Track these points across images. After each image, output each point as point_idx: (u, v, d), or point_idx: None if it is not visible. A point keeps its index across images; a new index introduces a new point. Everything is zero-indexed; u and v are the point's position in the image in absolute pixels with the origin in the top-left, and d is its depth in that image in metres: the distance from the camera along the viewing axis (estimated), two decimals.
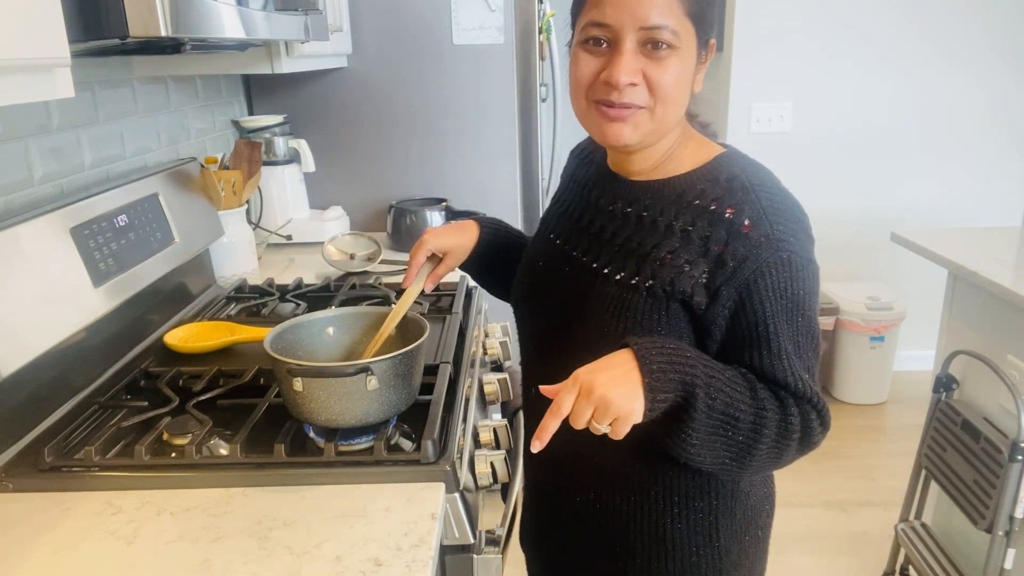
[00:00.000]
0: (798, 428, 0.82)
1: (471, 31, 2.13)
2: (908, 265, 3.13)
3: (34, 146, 1.26)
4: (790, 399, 0.83)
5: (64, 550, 0.83)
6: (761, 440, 0.81)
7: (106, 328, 1.24)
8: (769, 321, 0.82)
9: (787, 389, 0.83)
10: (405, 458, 0.97)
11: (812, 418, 0.84)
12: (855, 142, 3.24)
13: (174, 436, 1.03)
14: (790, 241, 0.82)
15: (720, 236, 0.82)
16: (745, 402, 0.80)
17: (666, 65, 0.82)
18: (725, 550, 0.94)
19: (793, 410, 0.82)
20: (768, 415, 0.81)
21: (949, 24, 3.09)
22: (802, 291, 0.82)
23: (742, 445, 0.81)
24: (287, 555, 0.82)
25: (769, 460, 0.84)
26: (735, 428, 0.80)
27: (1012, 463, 1.57)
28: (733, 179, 0.86)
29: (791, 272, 0.81)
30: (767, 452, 0.82)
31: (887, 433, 3.02)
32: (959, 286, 1.96)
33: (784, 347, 0.82)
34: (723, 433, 0.80)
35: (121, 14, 0.89)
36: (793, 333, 0.83)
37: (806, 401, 0.83)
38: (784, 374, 0.82)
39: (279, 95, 2.19)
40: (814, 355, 0.85)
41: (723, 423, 0.80)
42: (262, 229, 2.01)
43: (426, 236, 1.10)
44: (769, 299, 0.81)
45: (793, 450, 0.84)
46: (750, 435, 0.81)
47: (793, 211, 0.85)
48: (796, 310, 0.82)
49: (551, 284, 0.98)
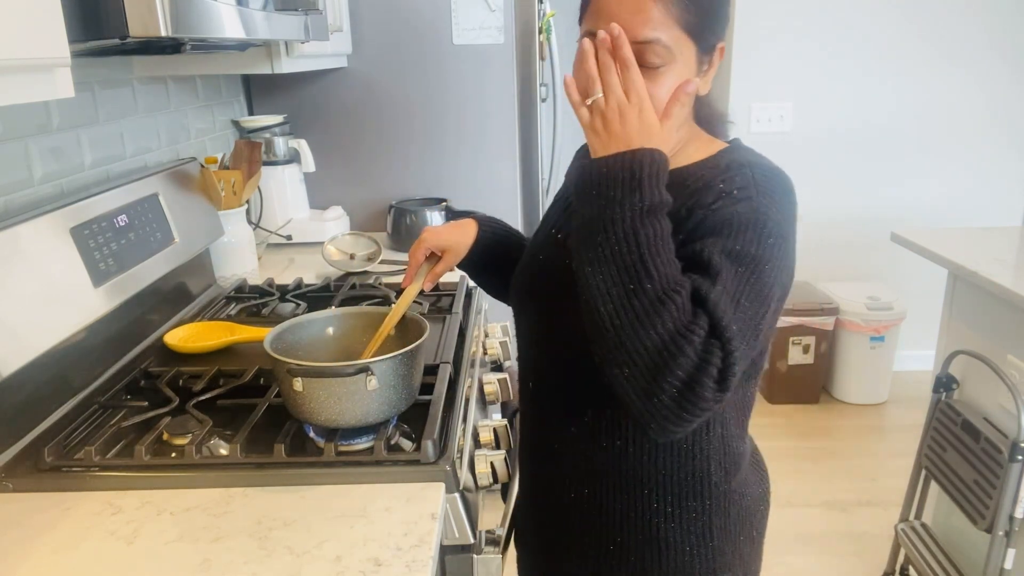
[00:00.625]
0: (694, 353, 0.73)
1: (471, 31, 2.13)
2: (908, 265, 3.13)
3: (34, 146, 1.26)
4: (704, 319, 0.74)
5: (64, 550, 0.83)
6: (653, 325, 0.73)
7: (106, 328, 1.24)
8: (716, 256, 0.77)
9: (704, 308, 0.74)
10: (405, 458, 0.97)
11: (714, 356, 0.73)
12: (855, 142, 3.24)
13: (174, 436, 1.03)
14: (772, 209, 0.82)
15: (707, 200, 0.83)
16: (666, 269, 0.75)
17: (658, 79, 0.82)
18: (719, 550, 0.94)
19: (700, 331, 0.73)
20: (676, 301, 0.73)
21: (949, 24, 3.09)
22: (767, 255, 0.78)
23: (635, 312, 0.74)
24: (287, 555, 0.82)
25: (649, 365, 0.73)
26: (639, 282, 0.74)
27: (1012, 463, 1.57)
28: (733, 162, 0.87)
29: (761, 232, 0.79)
30: (652, 349, 0.73)
31: (887, 433, 3.02)
32: (959, 286, 1.96)
33: (723, 280, 0.76)
34: (627, 275, 0.74)
35: (121, 14, 0.89)
36: (738, 281, 0.77)
37: (717, 336, 0.74)
38: (709, 293, 0.75)
39: (279, 95, 2.20)
40: (753, 322, 0.77)
41: (634, 263, 0.75)
42: (262, 229, 2.01)
43: (425, 235, 1.10)
44: (728, 242, 0.78)
45: (678, 375, 0.73)
46: (647, 307, 0.73)
47: (787, 194, 0.85)
48: (751, 266, 0.78)
49: (552, 277, 0.98)
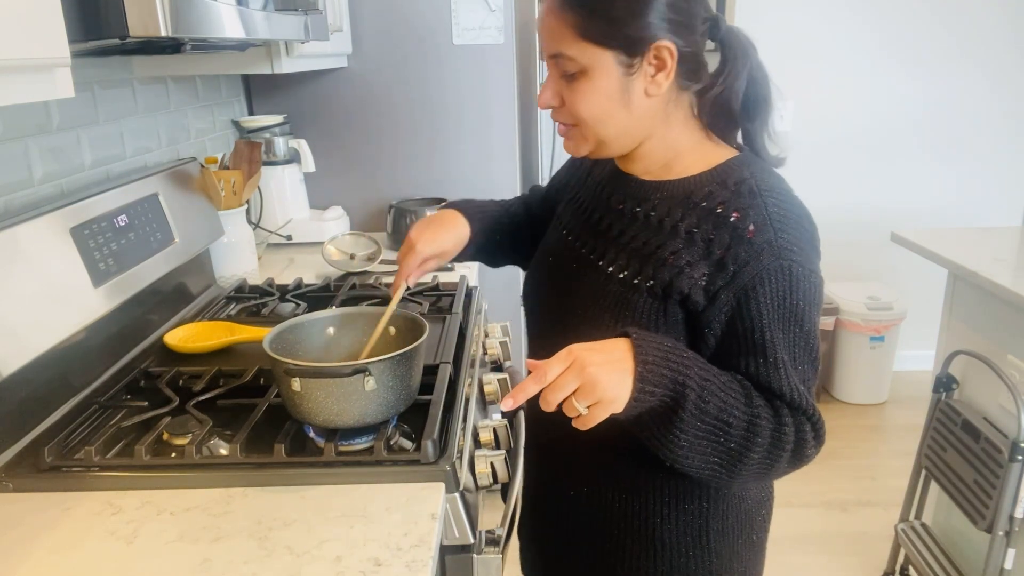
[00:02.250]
0: (791, 440, 0.81)
1: (471, 31, 2.13)
2: (908, 265, 3.13)
3: (34, 146, 1.26)
4: (785, 409, 0.82)
5: (64, 550, 0.83)
6: (753, 449, 0.80)
7: (106, 328, 1.24)
8: (766, 329, 0.81)
9: (782, 399, 0.82)
10: (405, 458, 0.97)
11: (806, 430, 0.82)
12: (855, 142, 3.24)
13: (174, 436, 1.03)
14: (793, 250, 0.81)
15: (723, 239, 0.82)
16: (739, 408, 0.79)
17: (576, 88, 0.85)
18: (716, 552, 0.94)
19: (787, 420, 0.81)
20: (762, 423, 0.80)
21: (949, 24, 3.09)
22: (801, 302, 0.81)
23: (733, 452, 0.80)
24: (287, 555, 0.82)
25: (760, 471, 0.83)
26: (727, 434, 0.79)
27: (1012, 463, 1.57)
28: (742, 183, 0.85)
29: (791, 281, 0.80)
30: (758, 462, 0.81)
31: (887, 433, 3.02)
32: (959, 286, 1.96)
33: (780, 357, 0.81)
34: (714, 438, 0.79)
35: (121, 14, 0.89)
36: (789, 344, 0.82)
37: (801, 412, 0.82)
38: (780, 383, 0.81)
39: (279, 95, 2.19)
40: (811, 368, 0.84)
41: (714, 428, 0.79)
42: (262, 229, 2.01)
43: (418, 245, 1.09)
44: (767, 307, 0.80)
45: (785, 462, 0.83)
46: (742, 443, 0.80)
47: (800, 220, 0.84)
48: (793, 320, 0.81)
49: (558, 279, 0.98)
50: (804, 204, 0.87)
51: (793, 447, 0.81)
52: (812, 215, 0.87)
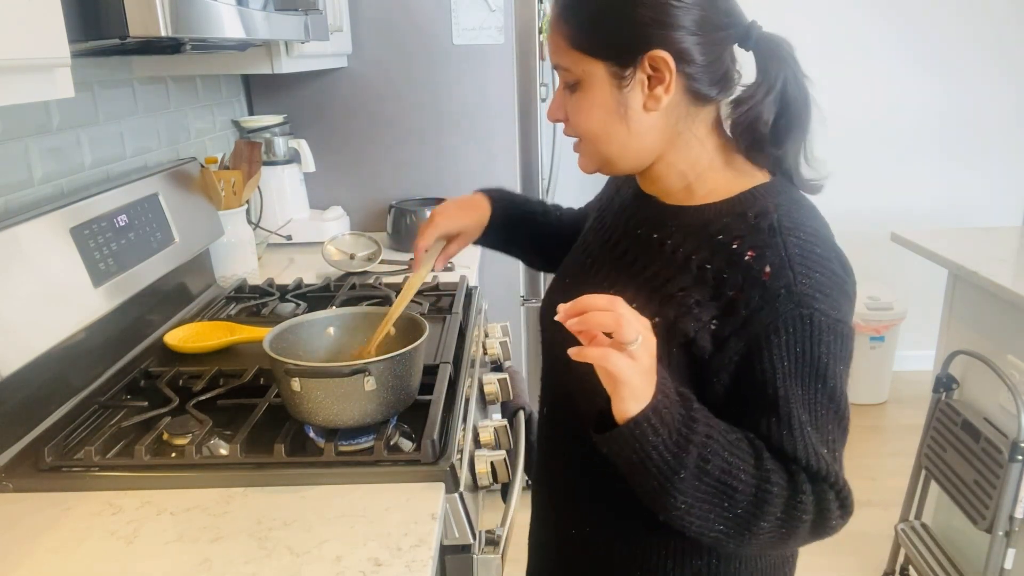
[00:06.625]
0: (810, 509, 0.73)
1: (471, 31, 2.13)
2: (908, 265, 3.13)
3: (34, 146, 1.26)
4: (802, 475, 0.73)
5: (64, 550, 0.83)
6: (763, 517, 0.72)
7: (106, 328, 1.24)
8: (779, 385, 0.72)
9: (798, 464, 0.73)
10: (405, 458, 0.97)
11: (829, 499, 0.74)
12: (855, 142, 3.24)
13: (174, 436, 1.03)
14: (816, 297, 0.72)
15: (736, 280, 0.74)
16: (747, 472, 0.71)
17: (575, 101, 0.81)
18: None
19: (805, 487, 0.73)
20: (773, 490, 0.71)
21: (949, 24, 3.10)
22: (825, 355, 0.72)
23: (740, 519, 0.72)
24: (287, 555, 0.82)
25: (774, 540, 0.74)
26: (731, 499, 0.71)
27: (1012, 463, 1.57)
28: (763, 217, 0.77)
29: (812, 332, 0.72)
30: (771, 531, 0.73)
31: (887, 433, 3.01)
32: (959, 286, 1.96)
33: (797, 416, 0.73)
34: (717, 502, 0.72)
35: (121, 14, 0.89)
36: (809, 401, 0.73)
37: (822, 480, 0.73)
38: (795, 447, 0.73)
39: (279, 95, 2.19)
40: (838, 429, 0.76)
41: (717, 491, 0.71)
42: (262, 229, 2.01)
43: (437, 218, 1.06)
44: (781, 360, 0.72)
45: (805, 532, 0.74)
46: (750, 509, 0.72)
47: (828, 263, 0.75)
48: (814, 376, 0.73)
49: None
50: (837, 245, 0.78)
51: (814, 517, 0.73)
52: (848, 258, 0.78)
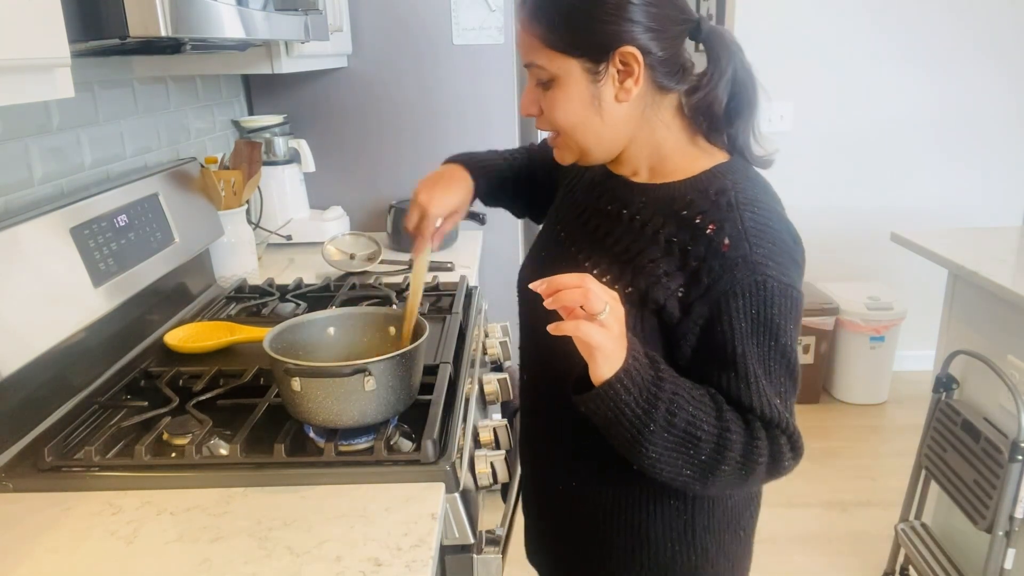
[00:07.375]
0: (765, 453, 0.82)
1: (471, 31, 2.13)
2: (908, 265, 3.13)
3: (34, 146, 1.26)
4: (757, 423, 0.82)
5: (64, 550, 0.83)
6: (724, 462, 0.81)
7: (106, 328, 1.24)
8: (737, 343, 0.81)
9: (754, 413, 0.82)
10: (405, 458, 0.97)
11: (782, 443, 0.83)
12: (855, 142, 3.24)
13: (174, 436, 1.03)
14: (768, 264, 0.80)
15: (699, 251, 0.82)
16: (709, 423, 0.80)
17: (550, 97, 0.87)
18: (702, 547, 0.95)
19: (760, 434, 0.82)
20: (732, 438, 0.81)
21: (948, 24, 3.09)
22: (777, 316, 0.81)
23: (704, 464, 0.81)
24: (287, 555, 0.82)
25: (735, 481, 0.84)
26: (696, 447, 0.80)
27: (1012, 463, 1.57)
28: (722, 194, 0.85)
29: (765, 295, 0.80)
30: (731, 473, 0.82)
31: (887, 433, 3.01)
32: (959, 286, 1.96)
33: (752, 370, 0.82)
34: (683, 451, 0.81)
35: (121, 14, 0.89)
36: (763, 357, 0.82)
37: (775, 426, 0.83)
38: (751, 398, 0.82)
39: (279, 95, 2.20)
40: (789, 381, 0.85)
41: (683, 440, 0.80)
42: (262, 229, 2.01)
43: (427, 208, 1.07)
44: (739, 320, 0.81)
45: (761, 474, 0.83)
46: (713, 455, 0.81)
47: (779, 234, 0.84)
48: (768, 334, 0.81)
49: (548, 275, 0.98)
50: (787, 218, 0.86)
51: (768, 460, 0.82)
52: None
